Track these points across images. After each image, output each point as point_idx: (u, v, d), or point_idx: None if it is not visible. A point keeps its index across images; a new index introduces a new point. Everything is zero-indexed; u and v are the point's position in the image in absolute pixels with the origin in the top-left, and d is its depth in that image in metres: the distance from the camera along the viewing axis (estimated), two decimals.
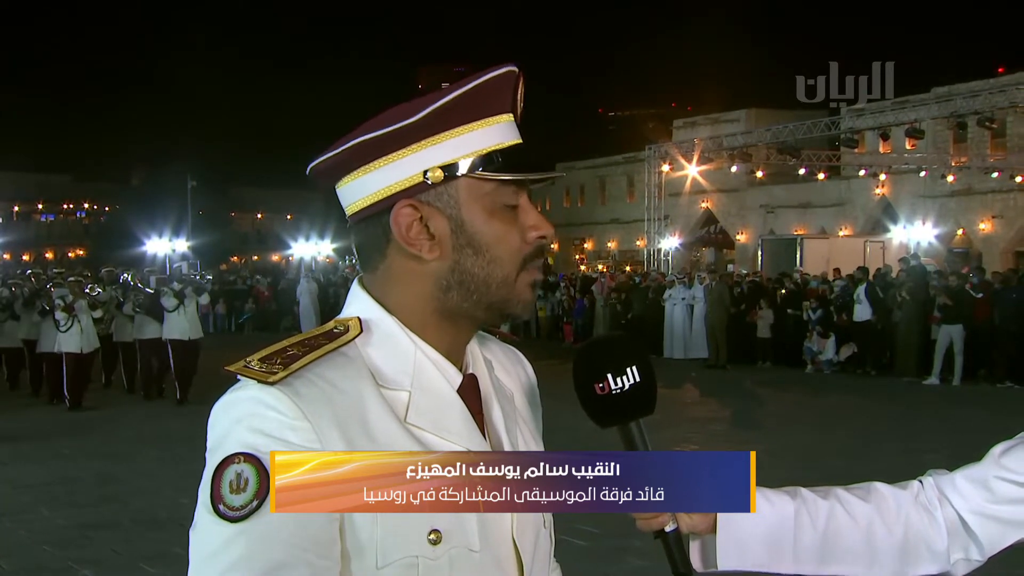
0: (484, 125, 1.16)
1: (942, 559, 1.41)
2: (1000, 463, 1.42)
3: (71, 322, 12.63)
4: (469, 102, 1.15)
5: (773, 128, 27.01)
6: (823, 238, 29.63)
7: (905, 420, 11.79)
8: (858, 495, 1.41)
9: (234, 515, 1.02)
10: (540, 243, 1.20)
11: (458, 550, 1.10)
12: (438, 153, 1.15)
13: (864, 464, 8.35)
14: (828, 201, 34.18)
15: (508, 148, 1.17)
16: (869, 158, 29.30)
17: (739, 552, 1.33)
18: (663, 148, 29.84)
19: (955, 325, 14.92)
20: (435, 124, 1.14)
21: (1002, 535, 1.40)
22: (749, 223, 37.27)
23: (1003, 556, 1.44)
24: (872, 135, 26.70)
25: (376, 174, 1.16)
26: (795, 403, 13.62)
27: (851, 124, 25.67)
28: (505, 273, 1.18)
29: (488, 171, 1.15)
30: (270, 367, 1.09)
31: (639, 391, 1.23)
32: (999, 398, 13.44)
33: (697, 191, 36.61)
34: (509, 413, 1.26)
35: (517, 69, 1.18)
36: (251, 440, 1.04)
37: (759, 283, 20.18)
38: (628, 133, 58.91)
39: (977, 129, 24.76)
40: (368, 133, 1.15)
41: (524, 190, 1.20)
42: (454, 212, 1.16)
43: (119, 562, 6.05)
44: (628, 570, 5.48)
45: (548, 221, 1.22)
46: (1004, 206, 29.21)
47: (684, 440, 10.09)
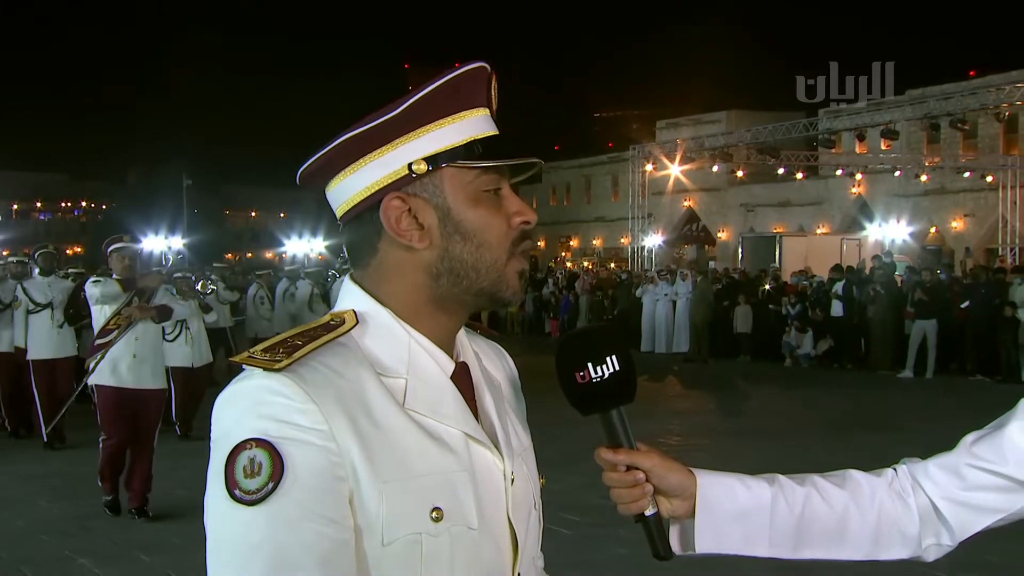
0: (462, 118, 1.18)
1: (914, 544, 1.42)
2: (971, 451, 1.43)
3: (178, 330, 9.42)
4: (445, 96, 1.17)
5: (753, 129, 27.08)
6: (801, 236, 29.74)
7: (880, 411, 11.86)
8: (834, 482, 1.43)
9: (251, 499, 1.03)
10: (524, 228, 1.22)
11: (458, 527, 1.12)
12: (420, 146, 1.17)
13: (841, 453, 8.39)
14: (806, 200, 34.33)
15: (487, 138, 1.19)
16: (846, 158, 29.43)
17: (716, 536, 1.34)
18: (647, 148, 29.84)
19: (929, 320, 15.02)
20: (415, 119, 1.17)
21: (972, 521, 1.41)
22: (730, 221, 37.41)
23: (973, 541, 1.45)
24: (848, 136, 26.79)
25: (362, 172, 1.18)
26: (774, 395, 13.68)
27: (828, 125, 25.74)
28: (494, 257, 1.20)
29: (469, 159, 1.17)
30: (274, 356, 1.10)
31: (618, 380, 1.24)
32: (970, 390, 13.52)
33: (680, 190, 36.65)
34: (499, 400, 1.28)
35: (488, 66, 1.20)
36: (261, 425, 1.05)
37: (739, 279, 20.24)
38: (613, 134, 59.03)
39: (949, 130, 24.87)
40: (349, 132, 1.17)
41: (505, 178, 1.22)
42: (440, 201, 1.18)
43: (116, 552, 6.01)
44: (611, 557, 5.49)
45: (531, 208, 1.23)
46: (975, 205, 29.42)
47: (667, 432, 10.12)
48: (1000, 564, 5.33)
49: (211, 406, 1.11)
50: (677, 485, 1.32)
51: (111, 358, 6.62)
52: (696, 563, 1.55)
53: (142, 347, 6.74)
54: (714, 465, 1.41)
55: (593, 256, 42.69)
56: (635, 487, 1.29)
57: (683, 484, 1.32)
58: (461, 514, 1.13)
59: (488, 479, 1.18)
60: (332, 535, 1.04)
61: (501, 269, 1.20)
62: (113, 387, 6.64)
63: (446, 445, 1.15)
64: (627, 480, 1.29)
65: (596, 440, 1.32)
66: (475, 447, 1.18)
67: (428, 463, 1.12)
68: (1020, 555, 5.12)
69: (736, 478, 1.38)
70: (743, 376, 15.81)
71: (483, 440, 1.19)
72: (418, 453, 1.12)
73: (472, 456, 1.17)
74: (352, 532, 1.07)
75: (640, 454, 1.30)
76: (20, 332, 9.90)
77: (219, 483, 1.05)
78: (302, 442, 1.05)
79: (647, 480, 1.29)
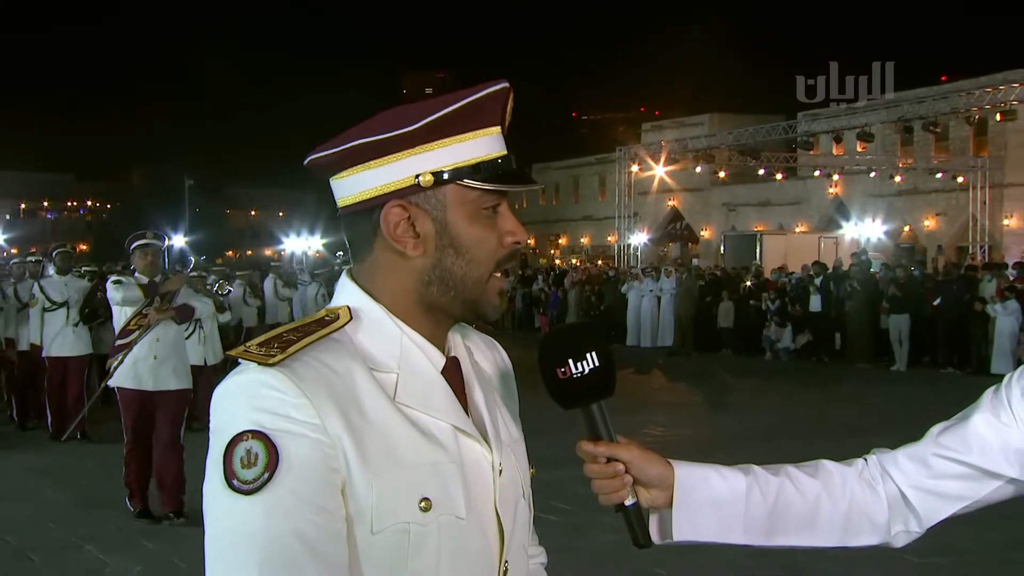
0: (475, 136, 1.18)
1: (883, 531, 1.43)
2: (938, 442, 1.44)
3: (192, 328, 8.78)
4: (464, 115, 1.17)
5: (735, 131, 27.15)
6: (781, 234, 29.83)
7: (855, 402, 11.90)
8: (807, 472, 1.43)
9: (248, 488, 1.04)
10: (514, 248, 1.23)
11: (446, 517, 1.13)
12: (431, 159, 1.17)
13: (817, 443, 8.41)
14: (786, 200, 34.39)
15: (494, 159, 1.19)
16: (823, 160, 29.49)
17: (693, 524, 1.35)
18: (632, 150, 29.89)
19: (902, 315, 15.07)
20: (431, 133, 1.16)
21: (939, 508, 1.42)
22: (712, 220, 37.45)
23: (944, 527, 1.46)
24: (826, 138, 26.84)
25: (371, 173, 1.18)
26: (755, 388, 13.71)
27: (807, 128, 25.81)
28: (479, 273, 1.20)
29: (475, 180, 1.17)
30: (268, 351, 1.10)
31: (598, 375, 1.24)
32: (942, 382, 13.57)
33: (664, 190, 36.69)
34: (489, 394, 1.28)
35: (509, 85, 1.20)
36: (257, 418, 1.06)
37: (721, 276, 20.28)
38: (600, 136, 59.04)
39: (922, 133, 25.00)
40: (367, 135, 1.16)
41: (505, 197, 1.22)
42: (440, 215, 1.18)
43: (120, 539, 6.00)
44: (595, 544, 5.50)
45: (523, 228, 1.24)
46: (947, 204, 29.53)
47: (651, 423, 10.13)
48: (971, 550, 5.36)
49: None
50: (656, 476, 1.32)
51: (132, 359, 6.31)
52: (675, 549, 1.55)
53: (163, 348, 6.39)
54: (696, 455, 1.42)
55: (581, 254, 42.69)
56: (615, 478, 1.29)
57: (662, 475, 1.33)
58: (449, 504, 1.13)
59: (476, 470, 1.18)
60: (325, 524, 1.05)
61: (483, 285, 1.21)
62: (133, 389, 6.31)
63: (435, 438, 1.15)
64: (607, 472, 1.29)
65: (580, 428, 1.32)
66: (464, 440, 1.18)
67: (418, 455, 1.13)
68: (990, 541, 5.15)
69: (712, 469, 1.38)
70: (725, 369, 15.83)
71: (472, 433, 1.19)
72: (408, 445, 1.12)
73: (461, 448, 1.17)
74: (344, 521, 1.07)
75: (620, 446, 1.30)
76: (36, 330, 9.75)
77: (217, 473, 1.06)
78: (296, 434, 1.05)
79: (627, 471, 1.29)
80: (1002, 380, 1.45)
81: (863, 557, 4.98)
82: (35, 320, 9.76)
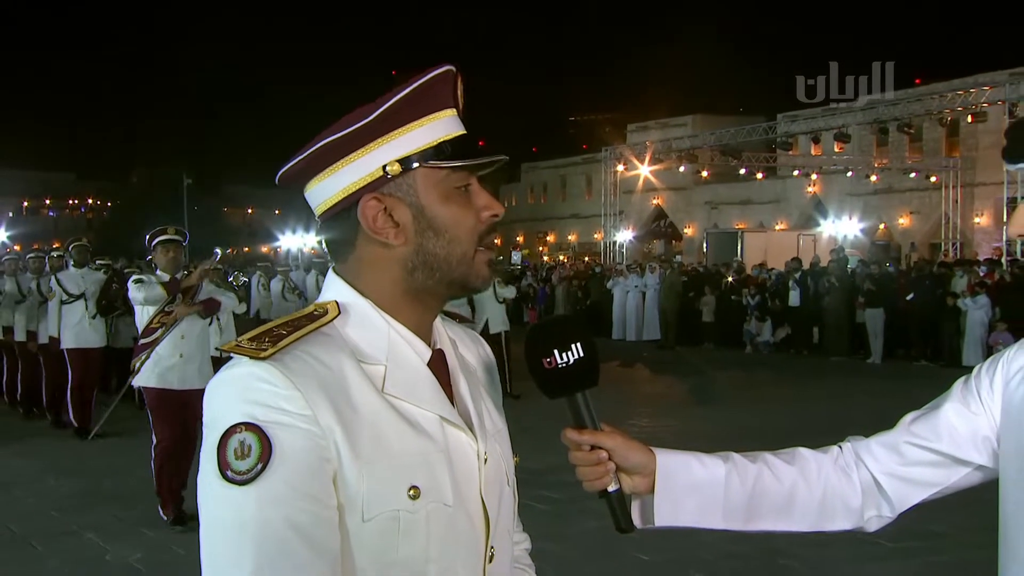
0: (431, 120, 1.18)
1: (857, 516, 1.43)
2: (910, 430, 1.45)
3: (209, 320, 8.42)
4: (415, 101, 1.17)
5: (717, 132, 27.20)
6: (761, 231, 29.88)
7: (832, 393, 11.95)
8: (784, 459, 1.44)
9: (242, 479, 1.03)
10: (492, 221, 1.22)
11: (434, 504, 1.13)
12: (393, 149, 1.17)
13: (796, 431, 8.44)
14: (766, 198, 34.50)
15: (455, 138, 1.19)
16: (802, 159, 29.60)
17: (674, 510, 1.35)
18: (618, 150, 29.88)
19: (877, 309, 15.13)
20: (387, 123, 1.16)
21: (910, 494, 1.43)
22: (695, 218, 37.55)
23: (917, 512, 1.47)
24: (805, 139, 26.97)
25: (339, 175, 1.18)
26: (736, 380, 13.74)
27: (786, 129, 25.91)
28: (463, 251, 1.20)
29: (440, 160, 1.17)
30: (260, 344, 1.10)
31: (582, 365, 1.25)
32: (915, 374, 13.65)
33: (649, 189, 36.78)
34: (473, 385, 1.28)
35: (454, 68, 1.20)
36: (250, 410, 1.05)
37: (704, 272, 20.32)
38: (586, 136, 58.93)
39: (897, 134, 25.14)
40: (327, 138, 1.17)
41: (474, 175, 1.21)
42: (414, 200, 1.18)
43: (120, 527, 5.98)
44: (581, 530, 5.51)
45: (499, 202, 1.23)
46: (920, 203, 29.69)
47: (637, 414, 10.15)
48: (943, 533, 5.40)
49: None
50: (638, 463, 1.33)
51: (156, 358, 6.01)
52: (657, 534, 1.56)
53: (188, 346, 6.09)
54: (680, 443, 1.42)
55: (568, 250, 42.72)
56: (599, 465, 1.30)
57: (643, 462, 1.33)
58: (437, 492, 1.13)
59: (463, 459, 1.18)
60: (318, 512, 1.05)
61: (471, 260, 1.20)
62: (158, 388, 6.01)
63: (423, 428, 1.15)
64: (591, 459, 1.30)
65: (565, 417, 1.33)
66: (450, 429, 1.18)
67: (406, 444, 1.13)
68: (962, 525, 5.17)
69: (693, 456, 1.39)
70: (708, 362, 15.88)
71: (458, 423, 1.19)
72: (396, 435, 1.12)
73: (447, 438, 1.17)
74: (336, 510, 1.07)
75: (603, 434, 1.30)
76: (54, 323, 9.62)
77: (212, 464, 1.05)
78: (288, 426, 1.05)
79: (610, 459, 1.30)
80: (972, 371, 1.47)
81: (838, 541, 5.01)
82: (52, 313, 9.63)
